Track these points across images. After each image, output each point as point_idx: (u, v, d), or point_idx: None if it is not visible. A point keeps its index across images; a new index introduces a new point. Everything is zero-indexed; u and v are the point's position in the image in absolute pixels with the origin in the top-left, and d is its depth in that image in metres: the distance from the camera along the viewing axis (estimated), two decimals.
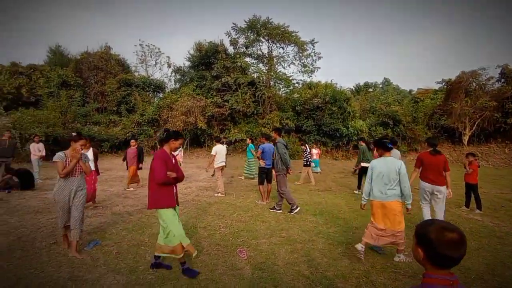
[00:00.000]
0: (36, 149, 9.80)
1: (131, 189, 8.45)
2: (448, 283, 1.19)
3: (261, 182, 7.28)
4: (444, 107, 22.47)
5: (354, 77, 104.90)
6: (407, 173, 3.95)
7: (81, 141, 4.00)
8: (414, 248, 1.32)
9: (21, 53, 61.11)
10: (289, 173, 6.59)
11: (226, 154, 8.69)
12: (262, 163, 7.23)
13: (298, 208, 6.30)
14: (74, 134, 4.03)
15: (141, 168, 8.73)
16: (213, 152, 8.10)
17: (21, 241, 4.37)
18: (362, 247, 3.97)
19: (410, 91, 50.26)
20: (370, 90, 41.53)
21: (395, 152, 7.30)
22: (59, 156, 3.84)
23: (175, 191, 3.57)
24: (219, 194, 7.91)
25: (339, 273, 3.56)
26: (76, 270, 3.47)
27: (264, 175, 7.20)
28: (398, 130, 22.56)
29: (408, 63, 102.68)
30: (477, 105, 20.40)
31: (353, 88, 41.82)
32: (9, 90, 19.04)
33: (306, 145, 10.91)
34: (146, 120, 21.39)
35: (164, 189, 3.38)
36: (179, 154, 10.04)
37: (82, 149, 4.05)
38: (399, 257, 3.95)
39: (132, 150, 8.58)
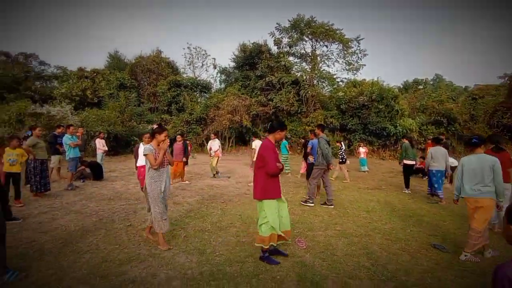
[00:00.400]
0: (101, 144, 10.84)
1: (187, 182, 9.02)
2: None
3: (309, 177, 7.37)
4: (507, 104, 20.43)
5: (401, 74, 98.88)
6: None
7: (165, 132, 4.05)
8: (506, 227, 1.37)
9: (86, 58, 68.03)
10: (330, 169, 6.63)
11: None
12: (311, 159, 7.32)
13: (313, 205, 6.49)
14: (155, 126, 4.19)
15: (186, 163, 9.39)
16: (253, 147, 8.89)
17: (102, 222, 4.97)
18: (471, 255, 3.84)
19: (466, 87, 46.18)
20: (420, 87, 39.04)
21: (441, 149, 7.32)
22: (149, 149, 3.88)
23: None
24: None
25: (401, 267, 3.54)
26: (153, 249, 3.88)
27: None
28: (453, 129, 21.02)
29: (463, 58, 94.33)
30: None
31: (401, 86, 39.62)
32: (77, 93, 21.29)
33: (342, 142, 10.87)
34: (194, 119, 22.43)
35: (272, 180, 3.50)
36: (218, 149, 10.27)
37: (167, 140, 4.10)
38: (466, 255, 3.80)
39: (178, 145, 9.10)
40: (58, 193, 7.13)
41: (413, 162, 8.42)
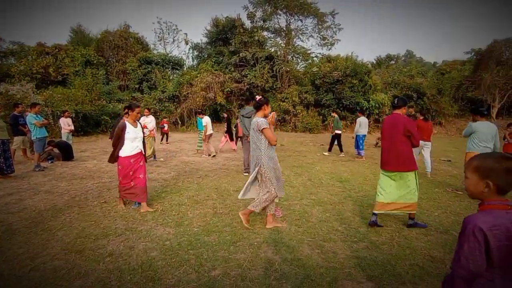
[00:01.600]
0: (66, 124, 10.30)
1: (162, 159, 8.87)
2: (507, 207, 1.26)
3: None
4: (472, 78, 21.51)
5: (375, 49, 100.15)
6: None
7: (269, 105, 3.73)
8: (476, 183, 1.34)
9: (44, 33, 62.55)
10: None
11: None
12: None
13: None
14: (260, 97, 3.74)
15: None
16: (204, 123, 9.57)
17: (75, 200, 4.82)
18: None
19: (435, 63, 48.09)
20: (392, 62, 40.06)
21: (365, 119, 9.86)
22: (266, 122, 3.51)
23: None
24: (208, 156, 9.59)
25: (372, 230, 3.76)
26: (130, 223, 3.84)
27: None
28: (422, 103, 21.92)
29: (432, 35, 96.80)
30: (509, 75, 19.39)
31: (374, 61, 40.39)
32: (38, 70, 19.71)
33: (225, 114, 12.58)
34: (167, 97, 21.79)
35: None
36: (154, 128, 8.56)
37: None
38: None
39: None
40: (24, 174, 6.79)
41: (340, 132, 10.26)
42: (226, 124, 11.45)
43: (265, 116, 3.66)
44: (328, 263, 2.91)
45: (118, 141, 4.29)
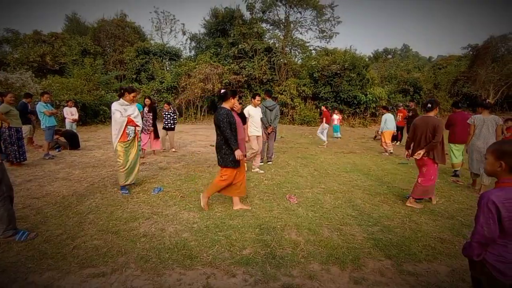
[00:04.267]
0: (69, 113, 10.32)
1: (173, 150, 8.95)
2: None
3: None
4: (468, 73, 21.90)
5: (372, 43, 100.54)
6: None
7: None
8: (492, 163, 1.63)
9: (38, 21, 60.96)
10: (269, 132, 7.17)
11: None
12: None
13: (262, 163, 6.96)
14: (488, 102, 4.40)
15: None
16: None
17: (94, 187, 4.97)
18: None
19: (430, 58, 48.65)
20: (389, 56, 40.38)
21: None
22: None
23: None
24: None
25: (383, 215, 4.01)
26: (154, 208, 4.03)
27: None
28: (418, 97, 22.29)
29: (429, 29, 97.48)
30: (504, 71, 19.81)
31: (372, 55, 40.66)
32: (34, 58, 19.41)
33: (170, 105, 8.91)
34: (165, 88, 21.73)
35: None
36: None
37: None
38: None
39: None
40: (35, 162, 6.87)
41: None
42: (151, 115, 7.99)
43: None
44: (348, 243, 3.15)
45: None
